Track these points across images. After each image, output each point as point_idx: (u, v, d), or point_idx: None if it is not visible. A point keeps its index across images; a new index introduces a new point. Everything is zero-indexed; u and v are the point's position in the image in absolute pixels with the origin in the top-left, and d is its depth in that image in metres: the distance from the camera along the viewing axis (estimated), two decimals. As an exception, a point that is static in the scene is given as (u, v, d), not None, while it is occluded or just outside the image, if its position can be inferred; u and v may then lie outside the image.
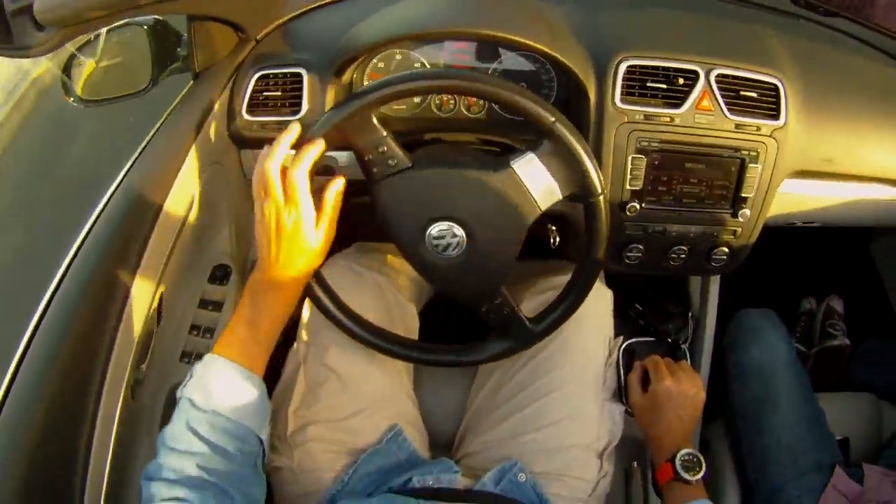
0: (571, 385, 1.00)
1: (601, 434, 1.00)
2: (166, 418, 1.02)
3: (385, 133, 0.86)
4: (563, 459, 0.97)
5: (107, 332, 0.85)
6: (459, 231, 0.89)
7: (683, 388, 1.00)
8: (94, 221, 0.91)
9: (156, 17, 1.13)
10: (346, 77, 1.08)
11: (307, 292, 0.93)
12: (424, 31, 1.04)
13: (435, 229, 0.89)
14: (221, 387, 0.77)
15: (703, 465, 0.94)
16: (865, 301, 1.68)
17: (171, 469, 0.72)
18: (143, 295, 0.92)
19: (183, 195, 1.02)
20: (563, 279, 0.97)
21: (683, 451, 0.95)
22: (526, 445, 0.98)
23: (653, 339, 1.26)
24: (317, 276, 0.92)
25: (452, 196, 0.89)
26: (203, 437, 0.73)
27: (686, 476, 0.93)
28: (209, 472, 0.72)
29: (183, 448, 0.73)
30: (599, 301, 1.07)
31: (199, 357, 1.09)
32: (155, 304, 0.98)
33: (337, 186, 0.84)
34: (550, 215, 1.12)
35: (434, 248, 0.90)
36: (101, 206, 0.93)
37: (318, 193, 0.83)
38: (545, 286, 1.08)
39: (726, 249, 1.12)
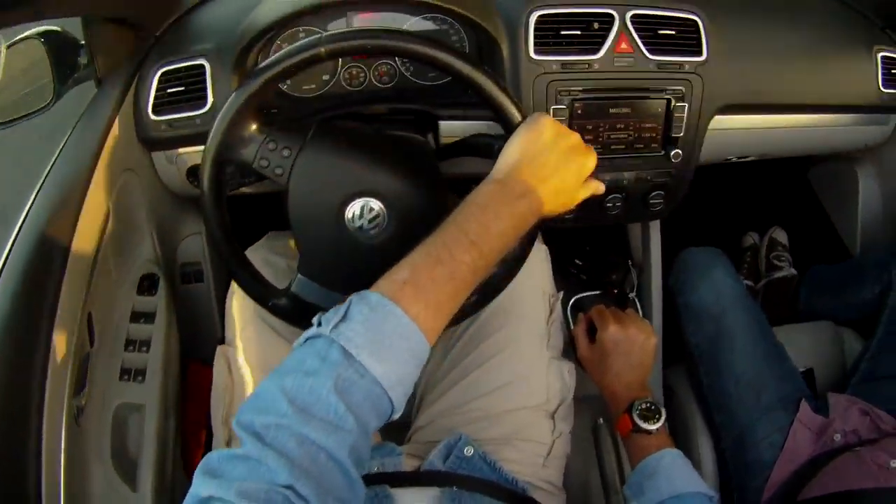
0: (513, 347, 0.92)
1: (550, 394, 0.92)
2: (116, 439, 0.95)
3: (264, 130, 0.78)
4: (512, 423, 0.89)
5: (36, 367, 0.77)
6: (376, 204, 0.79)
7: (630, 334, 0.92)
8: (9, 251, 0.82)
9: (49, 27, 1.02)
10: (249, 63, 0.97)
11: (236, 279, 0.85)
12: (322, 0, 0.93)
13: (350, 211, 0.80)
14: (393, 352, 0.54)
15: (663, 413, 0.87)
16: (808, 229, 1.62)
17: (299, 439, 0.48)
18: (70, 320, 0.84)
19: (97, 209, 0.93)
20: None
21: (640, 401, 0.87)
22: (472, 413, 0.90)
23: (598, 292, 1.18)
24: (243, 261, 0.84)
25: (361, 169, 0.80)
26: (353, 410, 0.51)
27: (645, 426, 0.86)
28: (345, 449, 0.50)
29: (323, 415, 0.49)
30: (535, 258, 0.98)
31: (140, 374, 1.01)
32: (85, 327, 0.89)
33: (600, 187, 0.77)
34: (476, 179, 1.03)
35: (358, 231, 0.81)
36: (13, 234, 0.84)
37: None
38: None
39: (662, 192, 1.05)
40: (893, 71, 1.18)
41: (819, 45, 1.13)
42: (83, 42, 1.01)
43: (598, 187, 0.76)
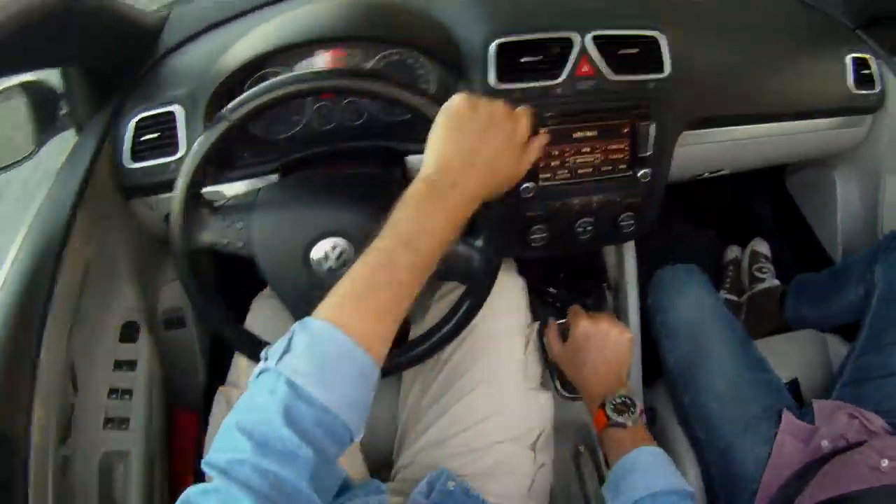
0: (491, 380, 0.88)
1: (530, 426, 0.88)
2: (103, 487, 0.92)
3: (213, 210, 0.78)
4: (493, 457, 0.85)
5: (20, 419, 0.75)
6: (340, 242, 0.77)
7: (602, 327, 0.89)
8: None
9: (28, 78, 1.00)
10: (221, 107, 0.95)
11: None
12: (288, 42, 0.91)
13: (316, 255, 0.78)
14: (339, 377, 0.53)
15: (637, 407, 0.83)
16: (790, 239, 1.57)
17: (260, 472, 0.48)
18: (53, 370, 0.81)
19: (77, 259, 0.91)
20: None
21: (614, 395, 0.84)
22: (454, 448, 0.86)
23: None
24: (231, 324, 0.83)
25: (315, 213, 0.80)
26: (306, 439, 0.50)
27: (619, 419, 0.81)
28: (305, 478, 0.49)
29: (280, 447, 0.49)
30: (511, 291, 0.95)
31: (124, 422, 0.98)
32: (68, 377, 0.87)
33: (542, 140, 0.72)
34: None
35: (329, 273, 0.78)
36: None
37: None
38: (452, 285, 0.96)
39: (632, 214, 1.01)
40: (864, 71, 1.15)
41: (787, 51, 1.10)
42: (62, 91, 1.00)
43: (540, 142, 0.71)
